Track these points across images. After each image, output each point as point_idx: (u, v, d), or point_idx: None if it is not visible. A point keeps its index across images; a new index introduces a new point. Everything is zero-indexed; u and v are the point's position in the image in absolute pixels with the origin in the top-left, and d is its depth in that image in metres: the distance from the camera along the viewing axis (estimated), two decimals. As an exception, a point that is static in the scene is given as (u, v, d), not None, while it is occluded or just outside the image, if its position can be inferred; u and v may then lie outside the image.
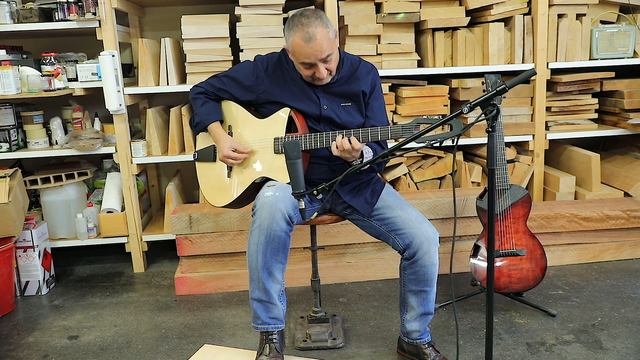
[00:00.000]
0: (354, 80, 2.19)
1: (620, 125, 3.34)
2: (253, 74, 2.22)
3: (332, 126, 2.18)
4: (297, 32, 1.99)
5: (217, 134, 2.23)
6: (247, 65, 2.26)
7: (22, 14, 3.01)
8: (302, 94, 2.17)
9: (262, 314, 2.10)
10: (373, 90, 2.23)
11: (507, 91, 1.60)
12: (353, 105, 2.20)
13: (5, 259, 2.76)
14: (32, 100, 3.38)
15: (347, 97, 2.19)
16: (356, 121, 2.20)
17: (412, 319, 2.15)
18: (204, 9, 3.38)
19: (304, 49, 1.99)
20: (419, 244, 2.02)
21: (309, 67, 2.05)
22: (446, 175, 3.32)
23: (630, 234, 3.13)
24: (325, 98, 2.17)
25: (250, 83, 2.22)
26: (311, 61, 2.02)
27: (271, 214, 1.97)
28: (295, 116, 2.16)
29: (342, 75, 2.18)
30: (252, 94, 2.22)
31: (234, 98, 2.27)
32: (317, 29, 1.98)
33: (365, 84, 2.20)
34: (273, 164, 2.18)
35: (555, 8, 3.15)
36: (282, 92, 2.18)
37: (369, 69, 2.24)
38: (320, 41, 1.98)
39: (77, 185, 3.25)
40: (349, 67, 2.20)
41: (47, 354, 2.39)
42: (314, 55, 2.00)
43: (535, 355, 2.23)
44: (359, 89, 2.19)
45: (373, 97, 2.23)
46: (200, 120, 2.25)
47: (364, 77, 2.21)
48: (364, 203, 2.16)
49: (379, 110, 2.25)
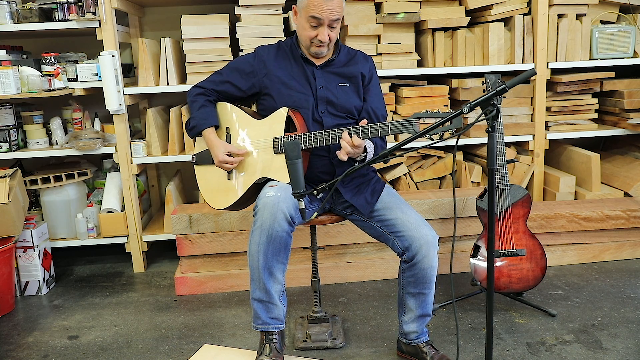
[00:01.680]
0: (352, 64, 2.25)
1: (620, 125, 3.34)
2: (254, 59, 2.26)
3: (329, 107, 2.19)
4: None
5: (210, 140, 2.23)
6: (245, 55, 2.32)
7: (22, 14, 3.01)
8: (301, 74, 2.20)
9: (262, 314, 2.10)
10: (371, 77, 2.28)
11: (507, 91, 1.60)
12: (351, 86, 2.23)
13: (5, 259, 2.76)
14: (32, 100, 3.38)
15: (345, 77, 2.23)
16: (353, 102, 2.22)
17: (410, 320, 2.15)
18: (204, 9, 3.38)
19: (319, 3, 2.05)
20: (418, 247, 2.02)
21: (316, 25, 2.09)
22: (446, 175, 3.32)
23: (630, 234, 3.13)
24: (322, 77, 2.20)
25: (251, 69, 2.24)
26: (322, 17, 2.06)
27: (273, 214, 1.97)
28: (293, 115, 2.16)
29: (340, 58, 2.23)
30: (254, 78, 2.23)
31: (235, 88, 2.26)
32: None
33: (363, 68, 2.26)
34: (273, 164, 2.17)
35: (555, 8, 3.15)
36: (284, 73, 2.21)
37: (366, 57, 2.32)
38: (336, 1, 2.06)
39: (77, 185, 3.25)
40: (346, 53, 2.27)
41: (47, 354, 2.39)
42: (326, 12, 2.06)
43: (535, 355, 2.23)
44: (357, 71, 2.24)
45: (372, 83, 2.28)
46: (195, 125, 2.25)
47: (361, 62, 2.27)
48: (364, 202, 2.16)
49: (377, 97, 2.29)
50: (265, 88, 2.22)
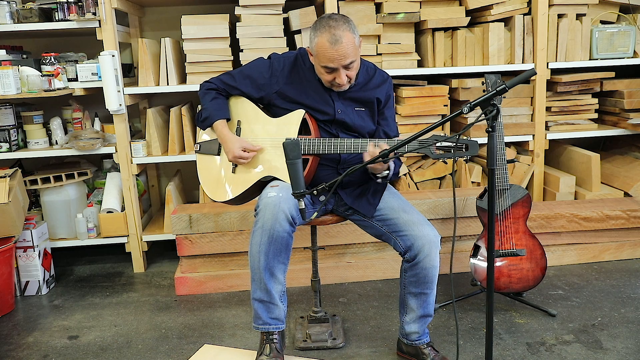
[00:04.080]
0: (369, 88, 2.19)
1: (620, 125, 3.34)
2: (268, 71, 2.19)
3: (343, 129, 2.18)
4: (324, 34, 1.96)
5: (223, 134, 2.20)
6: (262, 62, 2.23)
7: (22, 14, 3.01)
8: (317, 96, 2.15)
9: (263, 314, 2.10)
10: (387, 100, 2.23)
11: (507, 91, 1.60)
12: (366, 110, 2.20)
13: (5, 259, 2.76)
14: (32, 100, 3.38)
15: (361, 103, 2.18)
16: (368, 127, 2.20)
17: (412, 320, 2.15)
18: (204, 9, 3.38)
19: (328, 51, 1.96)
20: (420, 247, 2.02)
21: (330, 71, 2.02)
22: (446, 175, 3.32)
23: (630, 234, 3.13)
24: (339, 102, 2.16)
25: (264, 81, 2.18)
26: (334, 65, 1.99)
27: (274, 214, 1.96)
28: (309, 119, 2.14)
29: (358, 81, 2.17)
30: (263, 92, 2.19)
31: (245, 96, 2.24)
32: (345, 32, 1.96)
33: (380, 92, 2.20)
34: (281, 164, 2.15)
35: (555, 8, 3.15)
36: (297, 93, 2.16)
37: (385, 78, 2.23)
38: (345, 45, 1.95)
39: (77, 185, 3.25)
40: (364, 74, 2.19)
41: (47, 354, 2.39)
42: (338, 60, 1.97)
43: (535, 355, 2.23)
44: (374, 96, 2.19)
45: (387, 106, 2.24)
46: (208, 116, 2.22)
47: (379, 85, 2.21)
48: (367, 204, 2.16)
49: (392, 121, 2.27)
50: (274, 104, 2.20)
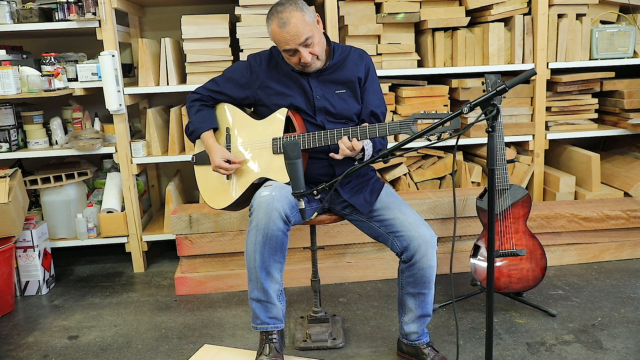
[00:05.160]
0: (346, 66, 2.20)
1: (620, 125, 3.34)
2: (247, 70, 2.23)
3: (328, 116, 2.18)
4: (273, 20, 2.03)
5: (208, 144, 2.24)
6: (241, 64, 2.28)
7: (22, 14, 3.01)
8: (296, 85, 2.18)
9: (261, 314, 2.10)
10: (367, 74, 2.23)
11: (507, 91, 1.60)
12: (348, 92, 2.20)
13: (5, 259, 2.76)
14: (32, 100, 3.38)
15: (341, 84, 2.19)
16: (352, 108, 2.20)
17: (411, 321, 2.15)
18: (204, 9, 3.38)
19: (280, 35, 2.02)
20: (417, 247, 2.02)
21: (292, 53, 2.06)
22: (446, 175, 3.32)
23: (630, 234, 3.13)
24: (318, 87, 2.17)
25: (246, 80, 2.23)
26: (290, 47, 2.03)
27: (268, 213, 1.97)
28: (292, 116, 2.16)
29: (334, 62, 2.19)
30: (249, 90, 2.23)
31: (231, 99, 2.27)
32: (292, 13, 2.00)
33: (359, 70, 2.20)
34: (272, 165, 2.17)
35: (555, 8, 3.15)
36: (278, 84, 2.19)
37: (361, 54, 2.25)
38: (295, 25, 1.99)
39: (77, 185, 3.25)
40: (339, 54, 2.21)
41: (47, 354, 2.39)
42: (292, 40, 2.01)
43: (535, 355, 2.23)
44: (354, 75, 2.19)
45: (369, 81, 2.23)
46: (194, 129, 2.27)
47: (357, 62, 2.21)
48: (363, 201, 2.16)
49: (375, 95, 2.24)
50: (260, 100, 2.22)
